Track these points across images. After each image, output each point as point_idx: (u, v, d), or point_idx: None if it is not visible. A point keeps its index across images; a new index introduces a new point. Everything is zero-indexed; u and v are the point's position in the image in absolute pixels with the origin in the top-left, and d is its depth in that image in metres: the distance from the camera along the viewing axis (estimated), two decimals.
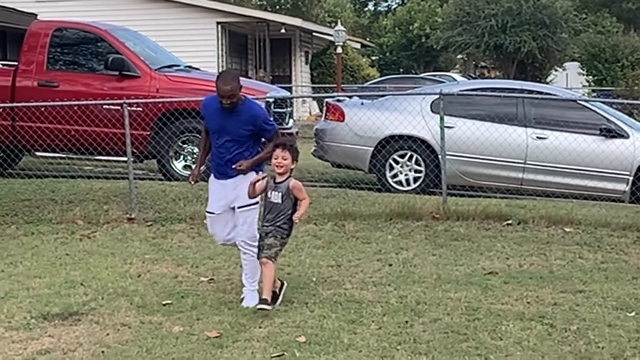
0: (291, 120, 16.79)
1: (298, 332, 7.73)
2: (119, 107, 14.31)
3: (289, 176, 8.46)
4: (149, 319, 8.19)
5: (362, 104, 16.41)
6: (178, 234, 11.60)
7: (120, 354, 7.24)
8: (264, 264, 8.33)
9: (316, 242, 11.25)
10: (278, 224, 8.37)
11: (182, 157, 15.47)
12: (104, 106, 15.01)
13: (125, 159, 13.56)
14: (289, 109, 16.61)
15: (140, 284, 9.37)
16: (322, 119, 16.83)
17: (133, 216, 12.28)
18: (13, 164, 15.70)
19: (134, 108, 14.54)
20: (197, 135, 15.15)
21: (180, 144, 15.39)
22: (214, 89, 8.61)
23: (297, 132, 16.95)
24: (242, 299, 8.70)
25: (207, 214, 9.13)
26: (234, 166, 8.70)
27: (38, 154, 16.22)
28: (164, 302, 8.67)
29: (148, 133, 15.25)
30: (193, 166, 15.29)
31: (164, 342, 7.51)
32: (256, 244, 8.59)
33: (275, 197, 8.38)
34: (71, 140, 15.05)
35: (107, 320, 8.08)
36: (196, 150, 15.29)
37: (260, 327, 7.88)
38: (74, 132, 15.01)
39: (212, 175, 8.99)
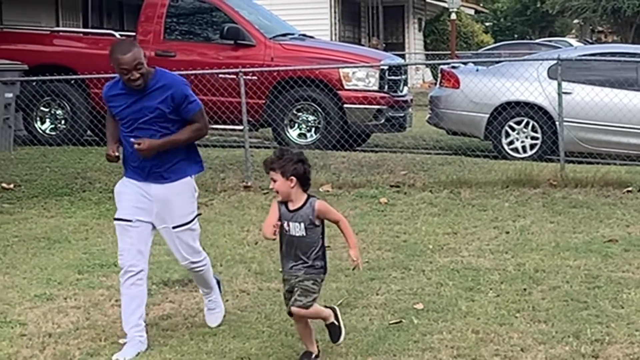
0: (405, 88, 16.70)
1: (415, 299, 7.71)
2: (234, 76, 14.43)
3: (308, 197, 6.25)
4: (267, 285, 8.26)
5: (477, 70, 16.25)
6: None
7: (240, 319, 7.32)
8: (297, 313, 6.24)
9: (432, 210, 11.19)
10: (309, 263, 6.23)
11: (296, 125, 15.53)
12: (220, 75, 15.14)
13: (240, 127, 13.69)
14: (403, 76, 16.53)
15: (258, 251, 9.45)
16: (437, 86, 16.73)
17: (249, 184, 12.38)
18: None
19: (249, 77, 14.64)
20: (312, 104, 15.21)
21: (295, 112, 15.45)
22: (329, 56, 8.35)
23: (411, 100, 16.86)
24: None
25: (116, 223, 6.82)
26: (133, 140, 6.65)
27: None
28: (280, 269, 8.70)
29: (263, 101, 15.34)
30: (308, 134, 15.39)
31: (282, 309, 7.53)
32: (203, 255, 7.09)
33: (296, 228, 6.20)
34: None
35: (226, 286, 8.16)
36: (311, 118, 15.36)
37: (377, 295, 7.89)
38: None
39: (124, 178, 6.95)
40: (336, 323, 6.44)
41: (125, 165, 6.92)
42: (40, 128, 16.32)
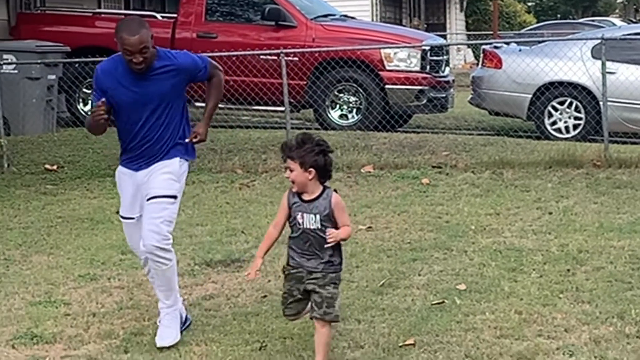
0: (447, 69, 16.64)
1: (458, 280, 7.69)
2: (276, 57, 14.43)
3: (324, 188, 5.76)
4: None
5: (519, 50, 16.14)
6: (335, 183, 11.62)
7: None
8: (323, 327, 5.77)
9: (474, 191, 11.14)
10: (325, 259, 5.72)
11: (338, 106, 15.51)
12: (261, 57, 15.15)
13: (282, 108, 13.69)
14: (445, 57, 16.46)
15: None
16: (479, 66, 16.65)
17: None
18: None
19: (290, 58, 14.63)
20: (354, 85, 15.19)
21: (337, 93, 15.43)
22: (370, 37, 8.24)
23: (453, 80, 16.79)
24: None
25: (122, 220, 6.76)
26: (187, 140, 6.49)
27: (197, 104, 16.49)
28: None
29: (305, 83, 15.33)
30: (349, 115, 15.37)
31: None
32: (171, 249, 6.40)
33: (311, 221, 5.70)
34: (229, 90, 15.24)
35: (268, 267, 8.17)
36: (353, 99, 15.33)
37: (419, 275, 7.86)
38: (232, 83, 15.21)
39: (120, 167, 6.71)
40: None
41: (123, 153, 6.63)
42: (82, 110, 16.41)
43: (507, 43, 17.85)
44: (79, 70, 15.96)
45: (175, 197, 6.41)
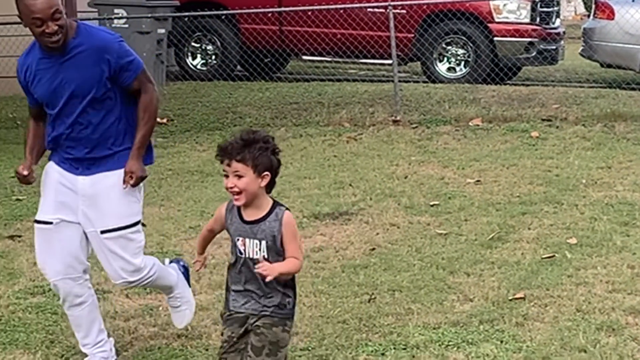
0: (557, 20, 16.34)
1: (568, 233, 7.59)
2: (383, 10, 14.35)
3: (274, 204, 4.47)
4: (417, 219, 8.25)
5: (632, 0, 15.75)
6: (443, 136, 11.55)
7: (390, 252, 7.34)
8: None
9: (585, 144, 10.95)
10: (276, 301, 4.42)
11: (445, 59, 15.37)
12: (368, 9, 15.07)
13: (389, 61, 13.61)
14: (555, 8, 16.16)
15: (407, 185, 9.43)
16: (591, 17, 16.30)
17: (398, 118, 12.33)
18: (282, 67, 16.07)
19: (398, 10, 14.51)
20: (462, 37, 15.02)
21: (444, 46, 15.28)
22: None
23: (563, 32, 16.49)
24: None
25: (35, 225, 5.36)
26: (123, 186, 5.23)
27: (305, 57, 16.54)
28: (431, 203, 8.70)
29: (412, 35, 15.21)
30: (457, 68, 15.23)
31: (433, 242, 7.55)
32: (145, 271, 5.36)
33: (255, 248, 4.42)
34: (336, 43, 15.24)
35: (376, 220, 8.19)
36: (461, 51, 15.18)
37: (529, 229, 7.79)
38: (340, 36, 15.19)
39: (50, 163, 5.36)
40: None
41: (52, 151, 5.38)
42: (191, 63, 16.55)
43: None
44: (188, 24, 16.09)
45: (138, 222, 5.33)
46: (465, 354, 5.38)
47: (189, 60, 16.55)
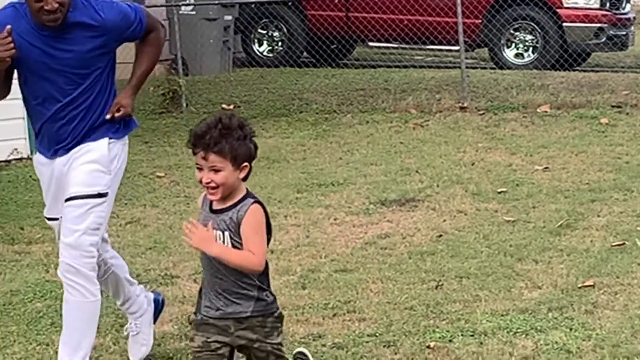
0: (628, 5, 16.12)
1: (638, 221, 7.50)
2: None
3: (246, 193, 4.06)
4: (485, 206, 8.20)
5: None
6: (511, 123, 11.46)
7: (457, 239, 7.30)
8: None
9: None
10: (252, 294, 4.06)
11: (513, 45, 15.25)
12: None
13: (456, 48, 13.53)
14: None
15: (474, 172, 9.38)
16: None
17: (465, 105, 12.26)
18: (348, 53, 16.06)
19: None
20: (530, 23, 14.89)
21: (512, 32, 15.16)
22: None
23: (634, 17, 16.26)
24: None
25: (47, 222, 5.21)
26: (107, 116, 4.85)
27: (371, 44, 16.51)
28: (498, 190, 8.64)
29: (480, 21, 15.10)
30: (525, 54, 15.09)
31: (501, 229, 7.50)
32: (92, 273, 4.76)
33: (218, 240, 4.02)
34: (403, 29, 15.18)
35: (443, 206, 8.16)
36: (529, 37, 15.04)
37: (598, 216, 7.71)
38: (406, 22, 15.13)
39: (36, 155, 5.09)
40: None
41: (37, 136, 5.04)
42: (257, 50, 16.59)
43: None
44: (255, 10, 16.12)
45: (103, 194, 4.80)
46: (533, 341, 5.33)
47: (256, 46, 16.59)
